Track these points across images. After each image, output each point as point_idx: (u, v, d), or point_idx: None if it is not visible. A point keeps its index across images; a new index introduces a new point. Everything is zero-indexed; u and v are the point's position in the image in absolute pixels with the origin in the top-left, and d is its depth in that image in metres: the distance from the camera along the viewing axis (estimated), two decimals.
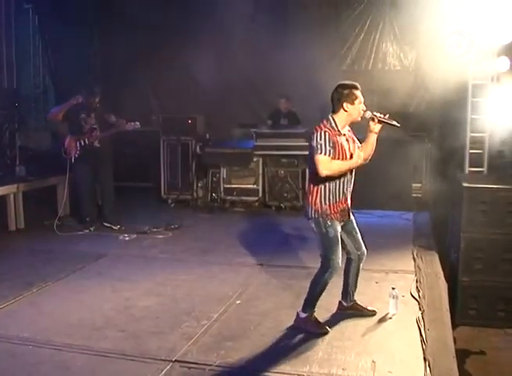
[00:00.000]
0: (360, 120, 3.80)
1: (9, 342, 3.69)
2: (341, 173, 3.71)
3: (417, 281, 4.79)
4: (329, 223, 3.74)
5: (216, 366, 3.33)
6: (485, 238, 4.97)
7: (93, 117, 6.76)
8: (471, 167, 6.37)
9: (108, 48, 8.86)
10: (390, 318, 4.04)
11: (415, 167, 8.10)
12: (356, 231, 3.97)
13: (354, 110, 3.73)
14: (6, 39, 8.61)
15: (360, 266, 4.04)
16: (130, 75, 8.95)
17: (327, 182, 3.73)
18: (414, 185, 8.12)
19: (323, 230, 3.75)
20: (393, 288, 4.11)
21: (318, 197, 3.75)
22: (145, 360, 3.42)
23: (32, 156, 7.93)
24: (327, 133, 3.66)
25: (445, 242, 6.09)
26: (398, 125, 3.77)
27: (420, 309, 4.19)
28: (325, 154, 3.64)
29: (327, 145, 3.63)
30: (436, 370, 3.30)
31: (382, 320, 4.01)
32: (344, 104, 3.71)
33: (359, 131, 4.01)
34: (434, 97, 7.66)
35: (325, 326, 3.85)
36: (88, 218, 6.98)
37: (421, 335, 3.74)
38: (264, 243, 6.29)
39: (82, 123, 6.74)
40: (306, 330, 3.80)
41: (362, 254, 4.00)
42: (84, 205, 7.01)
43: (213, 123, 8.79)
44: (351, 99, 3.71)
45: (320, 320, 3.88)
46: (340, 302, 4.15)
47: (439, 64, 6.32)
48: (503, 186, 5.02)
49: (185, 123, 8.55)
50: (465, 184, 5.13)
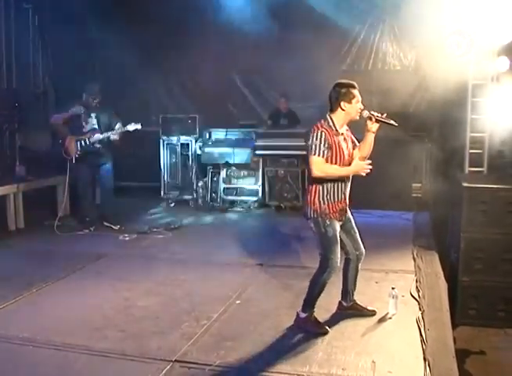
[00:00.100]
0: (358, 119, 3.79)
1: (9, 342, 3.69)
2: (335, 177, 3.70)
3: (417, 281, 4.79)
4: (328, 223, 3.73)
5: (216, 366, 3.33)
6: (485, 238, 4.98)
7: (94, 118, 6.77)
8: (471, 167, 6.37)
9: (108, 48, 8.85)
10: (390, 318, 4.03)
11: (415, 167, 8.10)
12: (355, 231, 3.97)
13: (351, 109, 3.72)
14: (6, 39, 8.60)
15: (359, 266, 4.04)
16: (130, 75, 8.95)
17: (326, 181, 3.73)
18: (414, 185, 8.12)
19: (322, 230, 3.75)
20: (393, 288, 4.11)
21: (317, 197, 3.75)
22: (145, 360, 3.41)
23: (32, 156, 7.91)
24: (324, 133, 3.65)
25: (445, 242, 6.09)
26: (396, 124, 3.76)
27: (420, 309, 4.19)
28: (318, 155, 3.64)
29: (322, 146, 3.63)
30: (436, 370, 3.30)
31: (382, 320, 4.01)
32: (342, 103, 3.70)
33: (357, 130, 4.00)
34: (434, 97, 7.66)
35: (325, 326, 3.84)
36: (88, 218, 6.99)
37: (421, 335, 3.73)
38: (264, 243, 6.29)
39: (83, 123, 6.75)
40: (306, 330, 3.80)
41: (361, 254, 4.00)
42: (84, 205, 7.02)
43: (213, 123, 8.79)
44: (348, 98, 3.70)
45: (320, 320, 3.88)
46: (340, 302, 4.15)
47: (439, 64, 6.32)
48: (503, 186, 5.02)
49: (185, 123, 8.56)
50: (465, 184, 5.14)
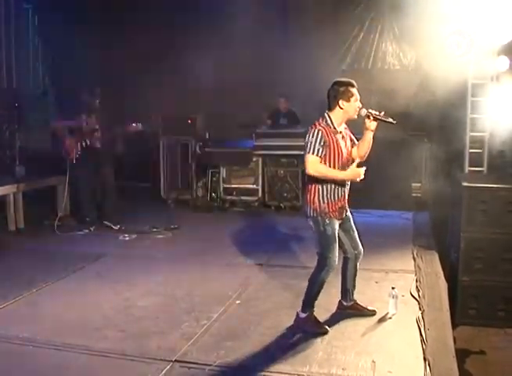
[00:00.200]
0: (356, 117, 3.79)
1: (9, 342, 3.69)
2: (328, 179, 3.69)
3: (417, 281, 4.79)
4: (327, 221, 3.73)
5: (216, 366, 3.33)
6: (485, 238, 4.97)
7: (94, 118, 6.77)
8: (471, 166, 6.36)
9: (108, 48, 8.86)
10: (390, 318, 4.03)
11: (415, 167, 8.10)
12: (353, 230, 3.97)
13: (350, 108, 3.72)
14: (6, 39, 8.61)
15: (357, 265, 4.04)
16: (130, 75, 8.94)
17: (326, 180, 3.72)
18: (414, 184, 8.12)
19: (321, 228, 3.74)
20: (393, 288, 4.11)
21: (316, 196, 3.75)
22: (145, 360, 3.41)
23: (32, 156, 7.91)
24: (320, 132, 3.65)
25: (445, 242, 6.09)
26: (394, 122, 3.74)
27: (420, 309, 4.19)
28: (313, 153, 3.64)
29: (317, 144, 3.63)
30: (436, 369, 3.30)
31: (382, 320, 4.01)
32: (340, 101, 3.70)
33: (356, 129, 4.00)
34: (434, 96, 7.66)
35: (324, 325, 3.84)
36: (88, 218, 6.99)
37: (421, 335, 3.73)
38: (263, 243, 6.28)
39: (83, 124, 6.74)
40: (306, 329, 3.80)
41: (359, 253, 3.99)
42: (84, 205, 7.02)
43: (213, 123, 8.79)
44: (346, 97, 3.70)
45: (320, 320, 3.88)
46: (340, 302, 4.15)
47: (439, 64, 6.32)
48: (503, 186, 5.02)
49: (185, 123, 8.56)
50: (465, 184, 5.13)
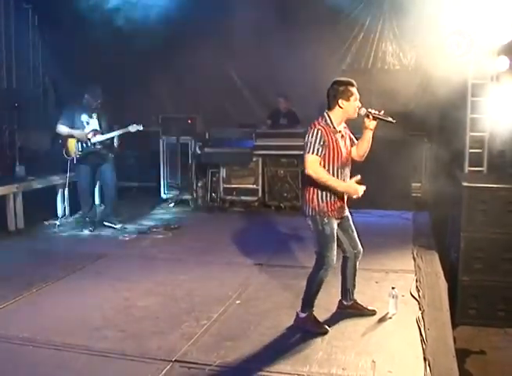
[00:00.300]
0: (356, 117, 3.79)
1: (9, 342, 3.69)
2: (322, 183, 3.67)
3: (417, 281, 4.78)
4: (326, 221, 3.72)
5: (216, 366, 3.33)
6: (485, 237, 4.98)
7: (95, 119, 6.77)
8: (471, 166, 6.36)
9: (108, 48, 8.86)
10: (390, 318, 4.03)
11: (415, 167, 8.10)
12: (352, 229, 3.96)
13: (349, 107, 3.71)
14: (6, 39, 8.61)
15: (357, 265, 4.03)
16: (130, 75, 8.95)
17: None
18: (414, 184, 8.11)
19: (320, 227, 3.74)
20: (393, 288, 4.11)
21: (315, 195, 3.74)
22: (145, 360, 3.41)
23: (32, 156, 7.92)
24: (320, 131, 3.65)
25: (445, 242, 6.10)
26: (394, 121, 3.74)
27: (420, 309, 4.18)
28: (312, 153, 3.63)
29: (317, 144, 3.62)
30: (436, 369, 3.30)
31: (382, 320, 4.01)
32: (340, 101, 3.70)
33: (355, 129, 4.00)
34: (434, 96, 7.66)
35: (324, 325, 3.84)
36: (88, 218, 6.99)
37: (421, 335, 3.73)
38: (263, 243, 6.28)
39: (84, 124, 6.74)
40: (306, 329, 3.79)
41: (358, 252, 3.99)
42: (84, 205, 7.01)
43: (213, 123, 8.79)
44: (346, 96, 3.69)
45: (320, 320, 3.88)
46: (340, 301, 4.15)
47: (439, 64, 6.32)
48: (503, 186, 5.02)
49: (185, 123, 8.56)
50: (465, 183, 5.14)
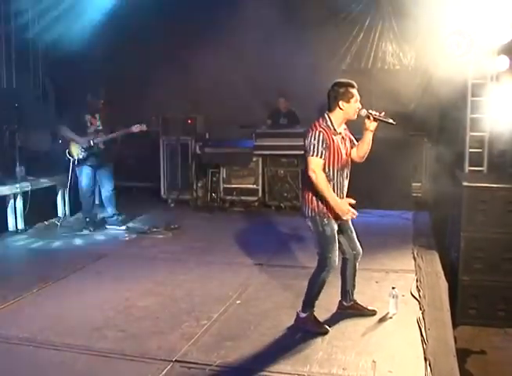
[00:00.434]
0: (356, 118, 3.78)
1: (9, 342, 3.69)
2: (319, 192, 3.66)
3: (417, 281, 4.78)
4: (325, 221, 3.72)
5: (216, 366, 3.33)
6: (485, 237, 4.98)
7: (98, 119, 6.76)
8: (471, 166, 6.36)
9: (108, 48, 8.86)
10: (390, 318, 4.03)
11: (415, 166, 8.10)
12: (351, 230, 3.96)
13: (350, 109, 3.71)
14: (6, 39, 8.61)
15: (356, 265, 4.03)
16: (130, 75, 8.94)
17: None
18: (414, 184, 8.11)
19: (320, 229, 3.74)
20: (393, 288, 4.11)
21: (315, 196, 3.73)
22: (145, 360, 3.41)
23: (32, 156, 7.91)
24: (322, 133, 3.64)
25: (445, 241, 6.10)
26: (394, 123, 3.74)
27: (421, 309, 4.18)
28: (316, 156, 3.63)
29: (320, 146, 3.62)
30: (437, 369, 3.30)
31: (382, 320, 4.00)
32: (340, 102, 3.69)
33: (356, 130, 3.99)
34: (434, 96, 7.66)
35: (325, 325, 3.84)
36: (88, 218, 6.99)
37: (422, 335, 3.73)
38: (264, 243, 6.28)
39: (87, 124, 6.74)
40: (306, 329, 3.79)
41: (358, 253, 3.99)
42: (84, 205, 7.01)
43: (213, 123, 8.79)
44: (347, 98, 3.69)
45: (320, 320, 3.87)
46: (340, 302, 4.14)
47: (439, 64, 6.32)
48: (503, 186, 5.02)
49: (185, 123, 8.56)
50: (465, 183, 5.14)
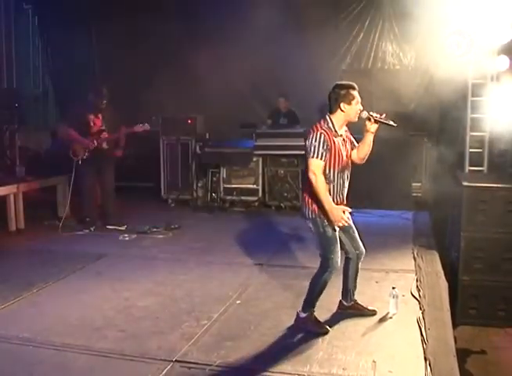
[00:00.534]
0: (357, 120, 3.78)
1: (9, 342, 3.68)
2: (317, 195, 3.64)
3: (418, 280, 4.78)
4: (326, 223, 3.71)
5: (216, 366, 3.33)
6: (485, 237, 4.98)
7: (101, 119, 6.76)
8: (471, 166, 6.36)
9: (108, 48, 8.88)
10: (390, 318, 4.03)
11: (415, 167, 8.10)
12: (354, 230, 3.96)
13: (351, 111, 3.71)
14: (6, 39, 8.63)
15: (359, 265, 4.03)
16: (130, 75, 8.95)
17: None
18: (414, 184, 8.12)
19: (321, 230, 3.74)
20: (393, 288, 4.11)
21: (315, 197, 3.73)
22: (145, 360, 3.41)
23: (32, 156, 7.93)
24: (323, 135, 3.64)
25: (445, 241, 6.09)
26: (395, 125, 3.74)
27: (421, 309, 4.18)
28: (317, 157, 3.63)
29: (321, 148, 3.62)
30: (437, 369, 3.30)
31: (382, 320, 4.00)
32: (341, 104, 3.70)
33: (356, 131, 3.99)
34: (434, 96, 7.66)
35: (325, 325, 3.84)
36: (89, 218, 6.98)
37: (422, 335, 3.73)
38: (264, 243, 6.28)
39: (90, 124, 6.74)
40: (306, 329, 3.79)
41: (361, 253, 3.99)
42: (85, 205, 7.01)
43: (213, 123, 8.79)
44: (348, 100, 3.69)
45: (320, 320, 3.87)
46: (340, 302, 4.14)
47: (439, 64, 6.32)
48: (503, 186, 5.02)
49: (185, 123, 8.56)
50: (465, 183, 5.13)
